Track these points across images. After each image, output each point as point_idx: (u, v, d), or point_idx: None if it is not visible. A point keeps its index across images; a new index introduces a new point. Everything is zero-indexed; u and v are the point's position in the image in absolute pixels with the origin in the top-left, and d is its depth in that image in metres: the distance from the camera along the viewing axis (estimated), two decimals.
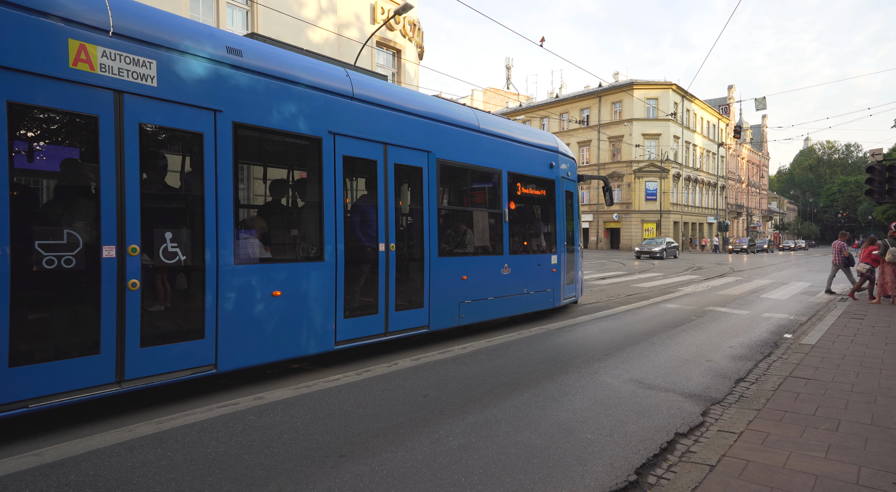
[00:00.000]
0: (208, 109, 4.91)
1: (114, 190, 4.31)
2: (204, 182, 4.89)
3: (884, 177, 11.00)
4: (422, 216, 7.14)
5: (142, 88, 4.47)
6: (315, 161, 5.90)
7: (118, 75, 4.34)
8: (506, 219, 8.52)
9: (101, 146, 4.26)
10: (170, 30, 4.72)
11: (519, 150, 8.93)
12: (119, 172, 4.34)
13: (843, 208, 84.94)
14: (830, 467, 3.40)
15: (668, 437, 4.11)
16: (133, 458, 3.62)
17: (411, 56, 20.49)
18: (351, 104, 6.23)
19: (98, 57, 4.22)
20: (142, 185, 4.50)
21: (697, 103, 53.05)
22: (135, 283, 4.42)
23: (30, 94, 3.92)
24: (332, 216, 5.96)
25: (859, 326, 8.66)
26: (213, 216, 4.93)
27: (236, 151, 5.13)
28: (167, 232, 4.71)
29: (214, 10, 14.30)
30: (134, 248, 4.41)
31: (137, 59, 4.45)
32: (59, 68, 4.02)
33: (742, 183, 68.16)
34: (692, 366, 6.37)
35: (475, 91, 51.28)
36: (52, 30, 3.99)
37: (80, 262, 4.17)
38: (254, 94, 5.29)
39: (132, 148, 4.42)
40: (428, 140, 7.18)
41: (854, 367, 5.95)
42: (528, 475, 3.42)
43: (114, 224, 4.31)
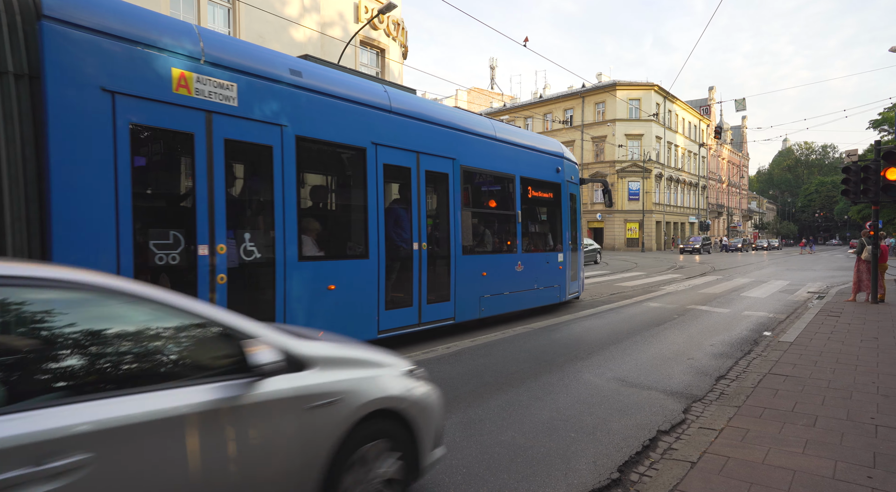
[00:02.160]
0: (276, 125, 5.61)
1: (206, 197, 4.98)
2: (273, 189, 5.61)
3: (859, 177, 11.21)
4: (448, 218, 7.87)
5: (226, 108, 5.17)
6: (360, 168, 6.62)
7: (208, 98, 5.04)
8: (518, 220, 9.24)
9: (195, 159, 4.93)
10: (246, 55, 5.47)
11: (529, 156, 9.66)
12: (210, 182, 5.01)
13: (821, 208, 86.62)
14: (808, 462, 3.45)
15: (651, 434, 4.14)
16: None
17: (395, 55, 20.43)
18: (389, 117, 6.93)
19: (193, 82, 4.94)
20: (227, 192, 5.16)
21: (679, 104, 53.74)
22: (223, 277, 5.08)
23: (144, 116, 4.61)
24: (375, 218, 6.69)
25: (836, 323, 8.84)
26: (280, 219, 5.63)
27: (298, 161, 5.82)
28: (246, 233, 5.48)
29: (195, 8, 14.09)
30: (221, 246, 5.08)
31: (223, 83, 5.17)
32: (165, 93, 4.72)
33: (723, 183, 69.22)
34: (674, 364, 6.44)
35: (459, 91, 51.33)
36: (159, 61, 4.71)
37: (181, 259, 4.84)
38: (311, 109, 5.98)
39: (219, 160, 5.09)
40: (452, 148, 7.90)
41: (831, 363, 6.07)
42: (511, 475, 3.42)
43: (206, 227, 4.97)
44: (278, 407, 2.26)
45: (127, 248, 4.44)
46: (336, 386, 2.50)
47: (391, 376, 2.85)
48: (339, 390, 2.50)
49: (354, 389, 2.57)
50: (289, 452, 2.27)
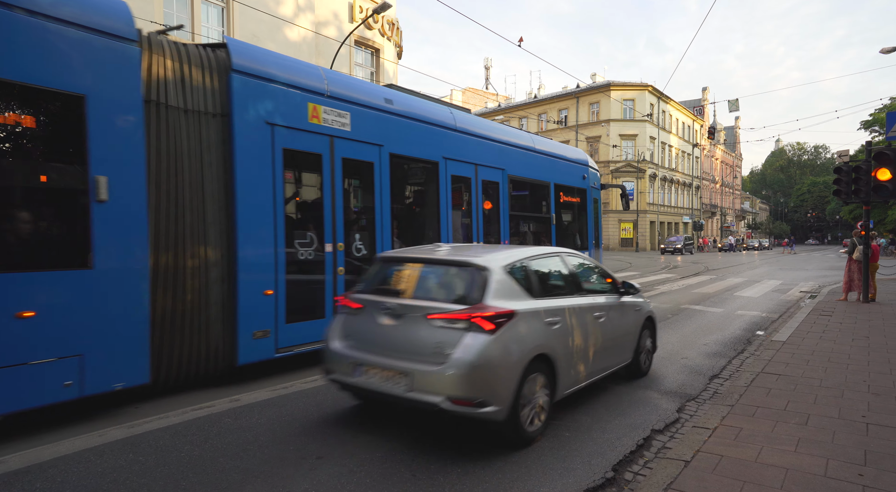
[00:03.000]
0: (376, 145, 6.78)
1: (330, 205, 6.20)
2: (374, 198, 6.83)
3: (850, 177, 11.29)
4: (498, 219, 9.00)
5: (343, 133, 6.35)
6: (434, 179, 7.75)
7: (331, 125, 6.21)
8: (553, 222, 10.41)
9: (323, 175, 6.17)
10: (354, 88, 6.73)
11: (561, 165, 10.80)
12: (332, 193, 6.22)
13: (813, 208, 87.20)
14: (800, 461, 3.48)
15: (645, 434, 4.16)
16: (103, 463, 3.52)
17: (390, 55, 20.40)
18: (454, 135, 8.05)
19: (321, 113, 6.13)
20: (344, 201, 6.40)
21: (673, 105, 53.95)
22: (341, 269, 6.34)
23: (290, 141, 5.82)
24: (447, 221, 7.88)
25: (828, 322, 8.91)
26: (379, 222, 6.85)
27: (391, 174, 6.98)
28: (356, 234, 6.72)
29: (189, 7, 14.03)
30: (340, 245, 6.31)
31: (340, 113, 6.34)
32: (303, 123, 5.93)
33: (716, 183, 69.57)
34: (668, 363, 6.47)
35: (454, 91, 51.30)
36: (300, 98, 5.92)
37: (315, 254, 6.12)
38: (399, 131, 7.13)
39: (339, 176, 6.30)
40: (502, 159, 9.02)
41: (822, 362, 6.12)
42: (506, 474, 3.43)
43: (331, 229, 6.20)
44: (627, 306, 5.49)
45: (282, 243, 5.71)
46: (640, 303, 5.86)
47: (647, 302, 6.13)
48: (640, 304, 5.86)
49: (644, 305, 5.96)
50: (630, 322, 5.53)
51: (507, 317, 3.78)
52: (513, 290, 4.05)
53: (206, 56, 5.33)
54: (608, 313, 5.05)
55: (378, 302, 4.13)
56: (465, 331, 3.67)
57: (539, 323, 4.10)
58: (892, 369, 5.82)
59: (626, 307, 5.44)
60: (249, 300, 5.40)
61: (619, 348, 5.33)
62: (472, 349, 3.58)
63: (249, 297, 5.41)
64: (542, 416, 4.07)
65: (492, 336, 3.66)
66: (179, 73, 5.08)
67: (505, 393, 3.67)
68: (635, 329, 5.63)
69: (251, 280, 5.45)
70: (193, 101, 5.15)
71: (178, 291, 4.99)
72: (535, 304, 4.15)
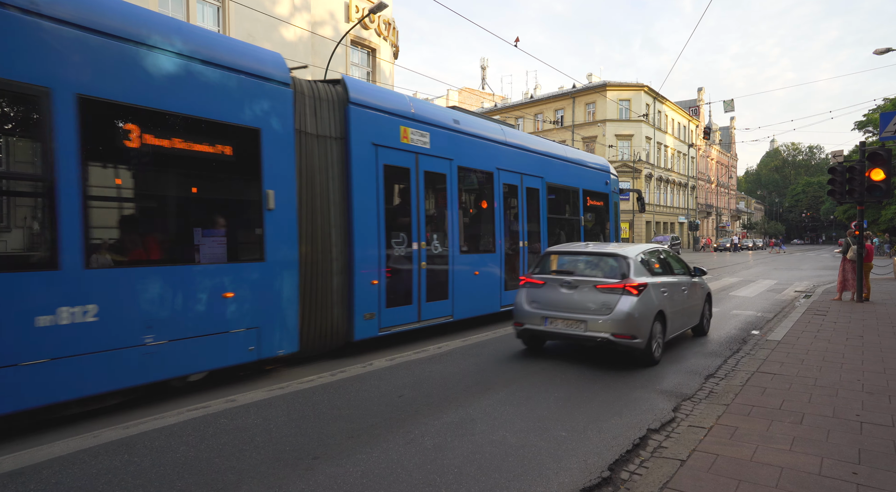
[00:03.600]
0: (447, 159, 8.09)
1: (416, 211, 7.51)
2: (447, 204, 8.12)
3: (844, 178, 11.35)
4: (538, 221, 10.36)
5: (424, 150, 7.64)
6: (490, 187, 9.08)
7: (416, 143, 7.51)
8: (582, 223, 11.78)
9: (410, 185, 7.50)
10: (431, 112, 8.01)
11: (588, 172, 12.16)
12: (417, 200, 7.53)
13: (807, 208, 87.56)
14: (795, 459, 3.50)
15: (641, 433, 4.17)
16: (98, 464, 3.51)
17: (386, 55, 20.38)
18: (504, 148, 9.40)
19: (410, 134, 7.41)
20: (425, 207, 7.70)
21: (668, 105, 54.07)
22: (424, 264, 7.62)
23: (390, 158, 7.12)
24: (500, 223, 9.18)
25: (822, 322, 8.95)
26: (451, 224, 8.15)
27: (459, 184, 8.34)
28: (433, 234, 7.95)
29: (184, 6, 13.98)
30: (423, 243, 7.62)
31: (422, 133, 7.62)
32: (397, 142, 7.24)
33: (711, 183, 69.77)
34: (664, 363, 6.49)
35: (450, 91, 51.26)
36: (395, 122, 7.26)
37: (406, 251, 7.41)
38: (464, 146, 8.46)
39: (421, 186, 7.61)
40: (541, 169, 10.38)
41: (817, 362, 6.15)
42: (503, 474, 3.43)
43: (416, 230, 7.51)
44: (697, 284, 7.78)
45: (383, 242, 7.01)
46: (704, 283, 8.19)
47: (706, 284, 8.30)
48: (704, 284, 8.18)
49: (706, 285, 8.31)
50: (699, 296, 7.92)
51: (643, 286, 6.18)
52: (643, 270, 6.48)
53: (330, 92, 6.60)
54: (689, 289, 7.48)
55: (556, 279, 6.57)
56: (621, 294, 6.08)
57: (657, 291, 6.47)
58: (885, 368, 5.85)
59: (696, 285, 7.83)
60: (362, 289, 6.69)
61: (693, 313, 7.74)
62: (627, 305, 6.01)
63: (362, 286, 6.70)
64: (660, 349, 6.46)
65: (636, 297, 6.07)
66: (314, 107, 6.34)
67: (645, 332, 6.06)
68: (701, 301, 8.07)
69: (363, 272, 6.73)
70: (322, 128, 6.41)
71: (316, 280, 6.26)
72: (654, 279, 6.53)
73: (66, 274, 4.18)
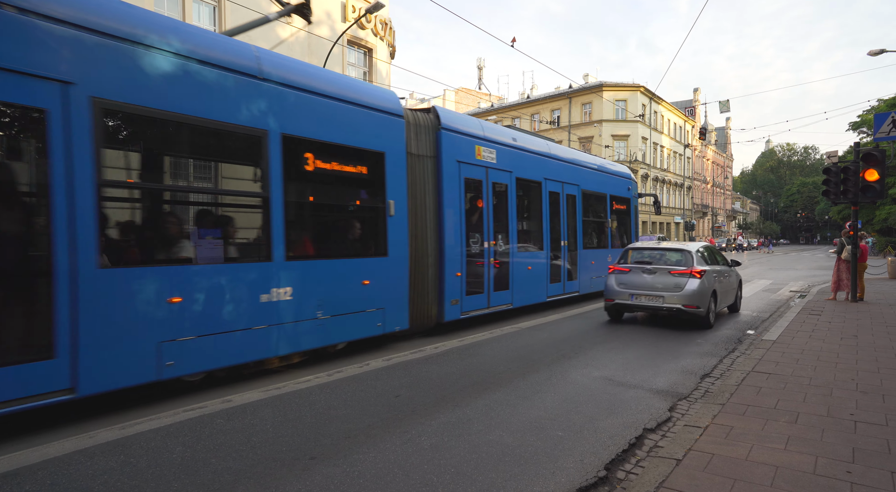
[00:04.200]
0: (508, 172, 9.69)
1: (487, 215, 9.03)
2: (507, 210, 9.69)
3: (839, 178, 11.41)
4: (576, 224, 12.02)
5: (492, 164, 9.21)
6: (538, 194, 10.78)
7: (486, 159, 9.09)
8: (609, 225, 13.57)
9: (482, 194, 9.01)
10: (497, 132, 9.67)
11: (614, 179, 13.98)
12: (487, 207, 9.06)
13: (802, 208, 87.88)
14: (790, 458, 3.51)
15: (637, 432, 4.19)
16: (93, 465, 3.50)
17: (383, 55, 20.36)
18: (549, 161, 11.12)
19: (483, 152, 9.02)
20: (494, 212, 9.24)
21: (664, 105, 54.21)
22: (492, 260, 9.13)
23: (468, 172, 8.70)
24: (547, 226, 10.89)
25: (817, 322, 9.00)
26: (511, 227, 9.75)
27: (516, 192, 9.87)
28: (499, 235, 9.42)
29: (180, 5, 13.93)
30: (493, 242, 9.14)
31: (491, 151, 9.20)
32: (473, 159, 8.81)
33: (707, 183, 69.98)
34: (660, 362, 6.51)
35: (447, 91, 51.25)
36: (472, 142, 8.83)
37: (480, 249, 8.91)
38: (521, 160, 10.09)
39: (489, 194, 9.15)
40: (577, 178, 12.16)
41: (812, 361, 6.18)
42: (499, 473, 3.44)
43: (487, 231, 9.02)
44: (734, 272, 10.46)
45: (464, 241, 8.58)
46: (738, 272, 10.92)
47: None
48: (738, 272, 10.89)
49: (739, 274, 11.04)
50: (734, 281, 10.50)
51: (703, 272, 8.67)
52: (701, 260, 9.02)
53: (427, 119, 8.16)
54: (729, 275, 10.03)
55: (639, 267, 9.15)
56: (688, 277, 8.61)
57: (711, 276, 8.93)
58: (879, 367, 5.89)
59: (733, 273, 10.37)
60: (449, 279, 8.22)
61: (732, 294, 10.21)
62: (693, 285, 8.56)
63: (449, 277, 8.23)
64: (713, 316, 9.04)
65: (699, 280, 8.58)
66: (417, 132, 7.88)
67: (705, 304, 8.61)
68: (737, 285, 10.73)
69: (450, 265, 8.26)
70: (422, 149, 7.95)
71: (418, 271, 7.76)
72: (709, 267, 8.99)
73: (276, 265, 5.70)
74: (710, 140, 70.48)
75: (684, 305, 8.54)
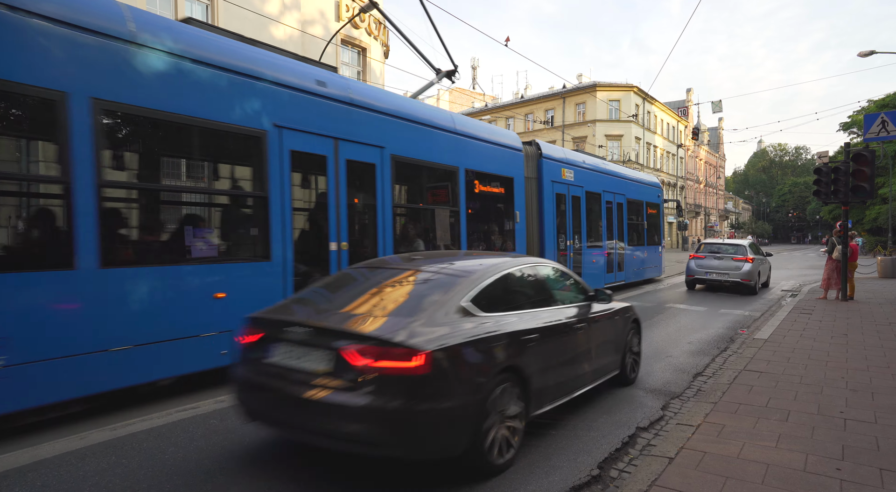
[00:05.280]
0: (581, 186, 12.30)
1: (570, 220, 11.78)
2: (580, 217, 12.25)
3: (829, 178, 11.50)
4: (623, 226, 14.63)
5: (571, 182, 11.82)
6: (599, 204, 13.36)
7: (567, 178, 11.68)
8: (644, 226, 16.26)
9: (566, 205, 11.69)
10: (574, 157, 12.38)
11: (647, 189, 16.85)
12: (567, 214, 11.69)
13: (794, 208, 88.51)
14: (780, 456, 3.54)
15: (630, 431, 4.21)
16: (85, 466, 3.47)
17: (377, 54, 20.33)
18: (605, 177, 13.85)
19: (565, 172, 11.58)
20: (572, 219, 11.82)
21: (657, 105, 54.45)
22: (571, 254, 11.72)
23: (557, 189, 11.32)
24: (604, 228, 13.50)
25: (808, 321, 9.07)
26: (582, 228, 12.30)
27: (586, 203, 12.55)
28: (575, 235, 11.95)
29: (172, 4, 13.85)
30: (570, 241, 11.73)
31: (570, 171, 11.78)
32: (559, 177, 11.39)
33: (700, 183, 70.35)
34: (653, 362, 6.54)
35: (441, 91, 51.24)
36: (559, 166, 11.48)
37: (564, 245, 11.52)
38: (588, 177, 12.73)
39: (570, 204, 11.80)
40: (623, 189, 14.83)
41: (803, 360, 6.23)
42: None
43: (569, 232, 11.74)
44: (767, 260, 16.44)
45: (554, 240, 11.06)
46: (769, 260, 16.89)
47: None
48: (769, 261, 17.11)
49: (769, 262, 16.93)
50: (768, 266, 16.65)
51: (753, 259, 13.73)
52: (751, 252, 13.93)
53: (533, 151, 10.83)
54: (765, 262, 15.32)
55: (711, 254, 14.26)
56: (743, 262, 13.59)
57: (757, 262, 13.98)
58: (868, 365, 5.95)
59: (767, 261, 15.63)
60: None
61: (766, 274, 15.26)
62: (748, 266, 13.57)
63: None
64: (758, 287, 14.16)
65: (751, 264, 13.63)
66: (527, 161, 10.43)
67: (755, 279, 13.74)
68: (768, 270, 15.79)
69: (547, 257, 10.21)
70: (530, 173, 10.56)
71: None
72: (755, 256, 13.97)
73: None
74: (703, 140, 70.83)
75: (742, 280, 13.45)
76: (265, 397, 3.29)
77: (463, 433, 3.12)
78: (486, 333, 3.35)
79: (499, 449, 3.38)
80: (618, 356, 5.23)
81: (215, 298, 5.17)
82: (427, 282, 3.73)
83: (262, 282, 5.57)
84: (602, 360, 4.89)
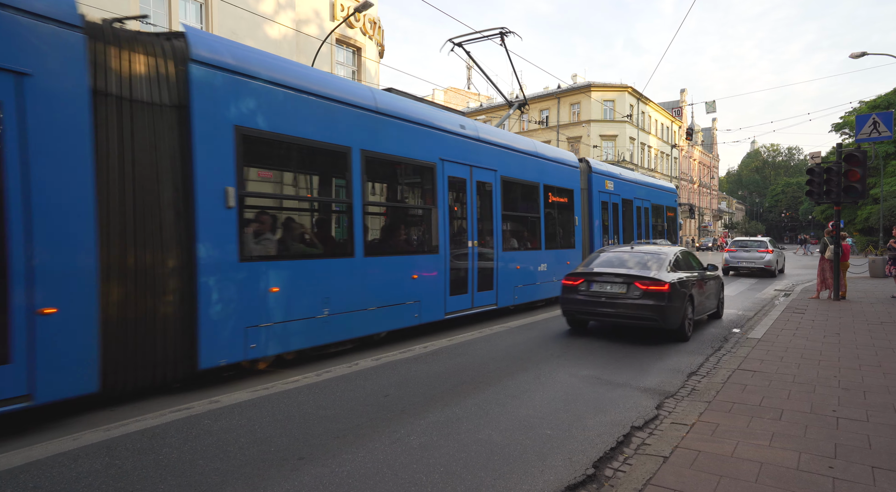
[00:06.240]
0: (618, 194, 14.69)
1: (612, 222, 14.39)
2: (619, 221, 14.81)
3: (822, 178, 11.59)
4: (649, 227, 16.81)
5: (612, 191, 14.35)
6: (631, 209, 15.66)
7: (609, 188, 14.22)
8: (665, 228, 18.49)
9: (608, 210, 14.19)
10: (612, 170, 14.82)
11: (667, 194, 18.95)
12: (609, 218, 14.28)
13: (787, 208, 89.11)
14: (774, 455, 3.57)
15: (625, 430, 4.22)
16: (78, 468, 3.45)
17: (372, 54, 20.31)
18: (636, 186, 15.96)
19: (607, 184, 14.11)
20: (612, 220, 14.45)
21: (652, 106, 54.65)
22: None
23: (602, 198, 13.86)
24: (635, 228, 15.89)
25: (801, 320, 9.13)
26: (620, 230, 14.81)
27: (622, 208, 14.96)
28: (615, 235, 14.47)
29: (166, 3, 13.78)
30: (611, 240, 14.31)
31: (611, 182, 14.33)
32: (604, 189, 13.95)
33: (694, 183, 70.70)
34: (648, 361, 6.56)
35: (436, 91, 51.23)
36: (604, 179, 13.97)
37: (610, 244, 13.77)
38: (624, 187, 15.09)
39: (611, 210, 14.36)
40: (649, 195, 16.90)
41: (796, 359, 6.27)
42: (488, 472, 3.45)
43: (611, 232, 14.33)
44: (782, 253, 23.51)
45: (600, 240, 13.51)
46: (783, 253, 24.07)
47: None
48: (783, 253, 23.85)
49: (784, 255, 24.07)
50: (783, 258, 23.44)
51: (773, 252, 19.93)
52: (771, 245, 20.30)
53: (585, 166, 13.07)
54: (781, 254, 22.47)
55: (740, 248, 20.55)
56: (766, 254, 19.65)
57: (776, 253, 20.55)
58: (861, 364, 5.99)
59: (782, 253, 22.71)
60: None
61: (782, 262, 21.97)
62: (770, 256, 19.62)
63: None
64: (778, 272, 20.90)
65: (772, 255, 19.70)
66: (581, 175, 12.74)
67: (775, 266, 20.04)
68: (783, 260, 22.58)
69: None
70: (583, 185, 12.82)
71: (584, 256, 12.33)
72: (775, 249, 20.57)
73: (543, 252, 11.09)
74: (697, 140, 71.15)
75: (765, 266, 19.14)
76: (589, 305, 7.84)
77: (680, 317, 7.55)
78: (678, 279, 7.69)
79: (687, 327, 7.82)
80: (716, 301, 9.64)
81: (413, 279, 7.67)
82: (650, 256, 8.23)
83: (434, 266, 8.04)
84: (711, 301, 9.25)
